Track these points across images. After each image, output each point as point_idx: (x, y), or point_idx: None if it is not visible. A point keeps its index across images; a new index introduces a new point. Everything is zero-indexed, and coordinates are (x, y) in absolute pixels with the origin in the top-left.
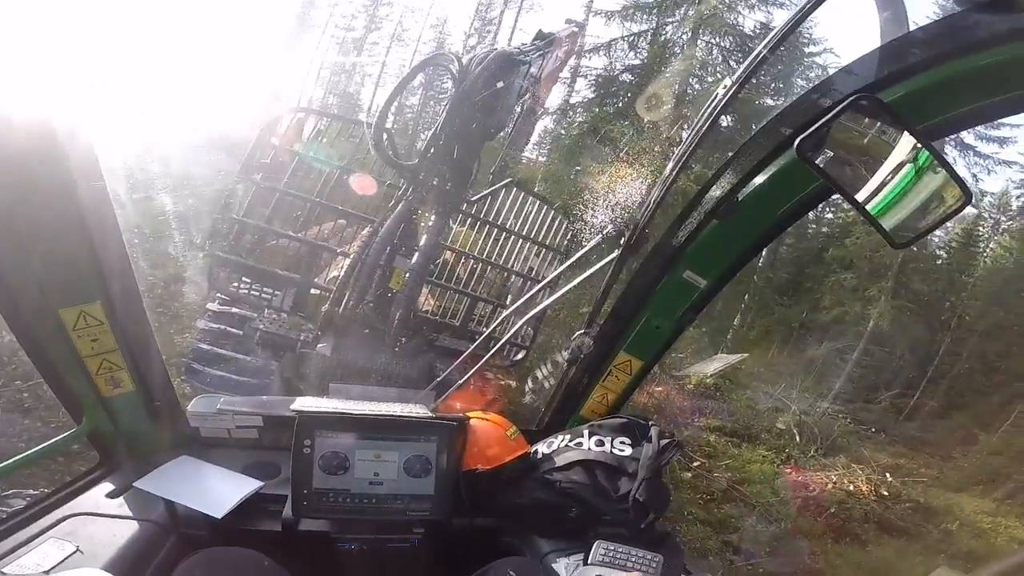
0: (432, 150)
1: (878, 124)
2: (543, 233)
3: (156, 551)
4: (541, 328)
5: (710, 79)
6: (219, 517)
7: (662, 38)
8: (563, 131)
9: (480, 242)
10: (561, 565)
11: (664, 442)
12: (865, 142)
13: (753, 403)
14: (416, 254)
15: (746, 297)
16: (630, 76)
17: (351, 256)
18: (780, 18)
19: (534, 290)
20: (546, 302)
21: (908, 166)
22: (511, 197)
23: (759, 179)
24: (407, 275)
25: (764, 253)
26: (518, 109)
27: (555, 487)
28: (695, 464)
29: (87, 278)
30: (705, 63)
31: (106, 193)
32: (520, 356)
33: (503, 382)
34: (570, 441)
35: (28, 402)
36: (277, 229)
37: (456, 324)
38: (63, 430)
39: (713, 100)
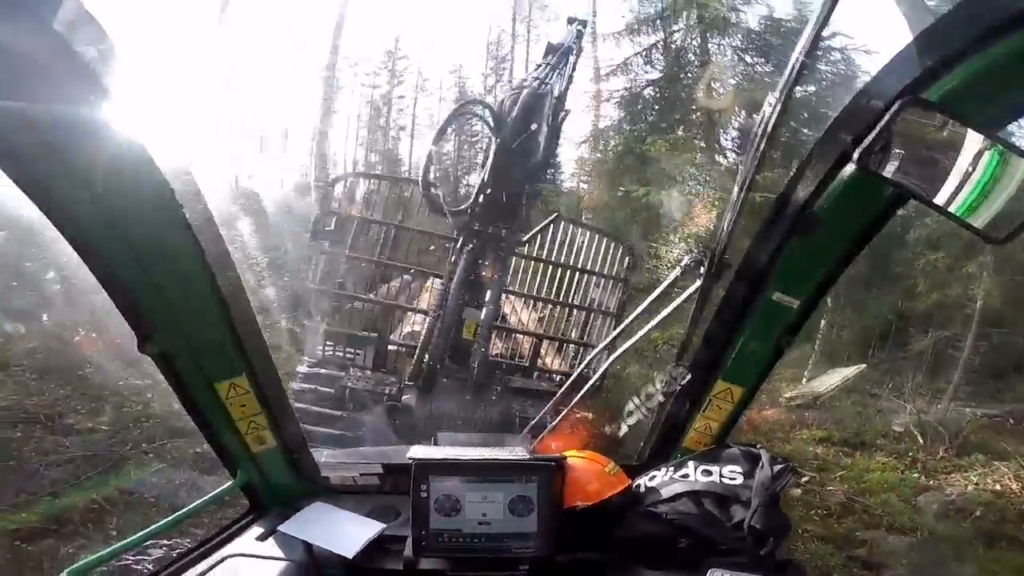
0: (480, 199)
1: (936, 123)
2: (600, 263)
3: None
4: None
5: (732, 80)
6: (350, 557)
7: (673, 47)
8: (599, 155)
9: (538, 281)
10: None
11: (778, 467)
12: (929, 143)
13: (862, 407)
14: (486, 306)
15: (828, 299)
16: (652, 91)
17: (429, 315)
18: (781, 9)
19: (619, 329)
20: (631, 340)
21: (985, 158)
22: (560, 231)
23: (831, 189)
24: (478, 326)
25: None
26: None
27: (661, 519)
28: (804, 480)
29: (233, 357)
30: (722, 65)
31: (240, 282)
32: (601, 393)
33: (592, 416)
34: (674, 473)
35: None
36: (351, 293)
37: (525, 365)
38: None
39: (762, 117)
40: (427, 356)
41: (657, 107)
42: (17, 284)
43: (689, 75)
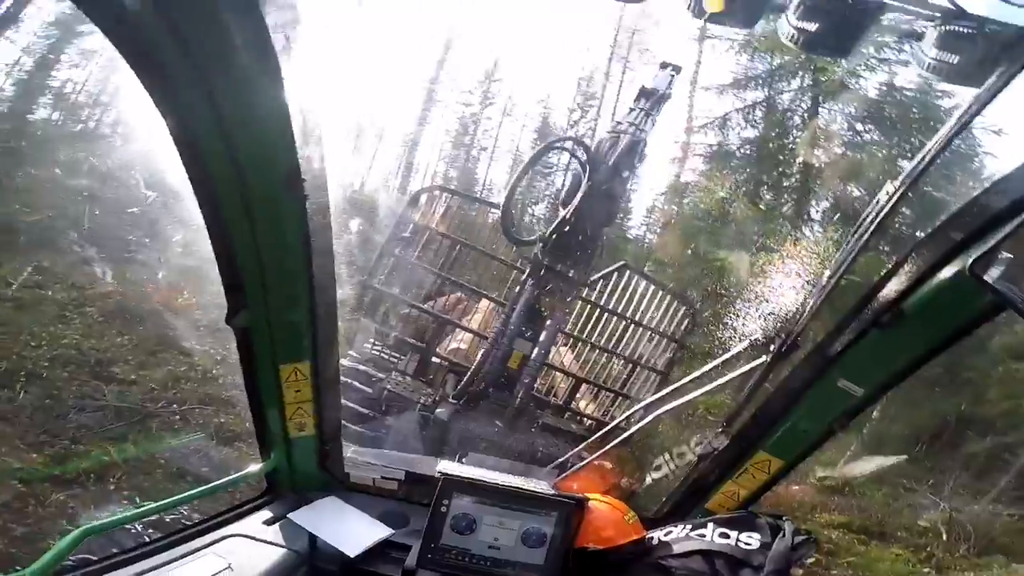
0: (556, 236)
1: None
2: (657, 319)
3: None
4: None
5: (837, 149)
6: (352, 556)
7: (779, 107)
8: (675, 207)
9: (590, 324)
10: None
11: (800, 539)
12: None
13: (893, 499)
14: (539, 345)
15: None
16: (747, 150)
17: (484, 338)
18: (907, 77)
19: (668, 389)
20: (677, 401)
21: None
22: (624, 280)
23: (926, 288)
24: (524, 357)
25: None
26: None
27: (669, 573)
28: (809, 560)
29: (305, 342)
30: (829, 132)
31: (333, 274)
32: (631, 446)
33: (617, 464)
34: (691, 532)
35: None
36: (409, 300)
37: (560, 404)
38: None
39: (876, 205)
40: (478, 378)
41: (749, 168)
42: (147, 240)
43: (790, 138)
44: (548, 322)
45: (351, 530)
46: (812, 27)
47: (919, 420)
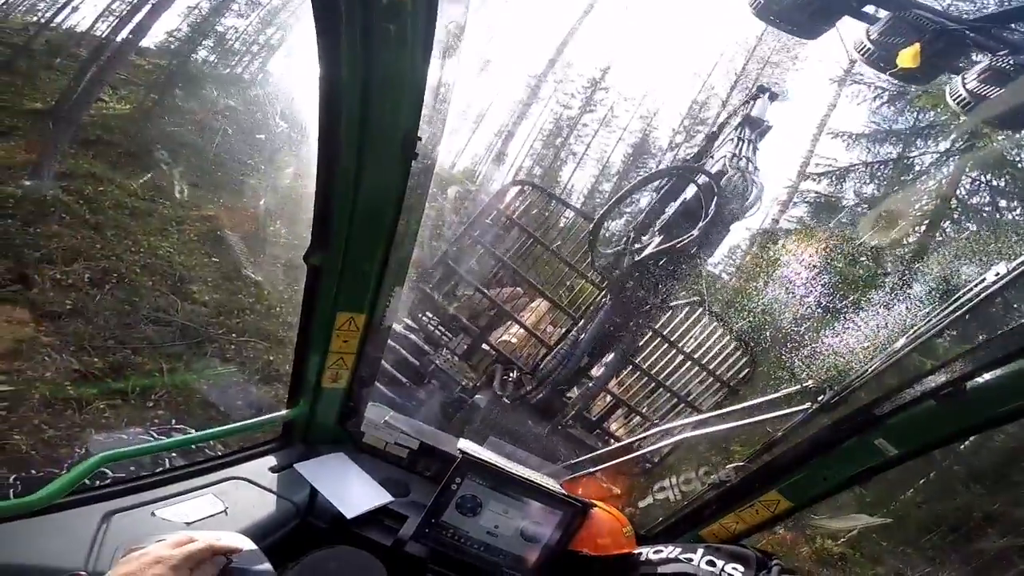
0: (647, 263)
1: None
2: (716, 361)
3: (280, 528)
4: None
5: (970, 225)
6: (349, 517)
7: (914, 170)
8: (758, 250)
9: (644, 351)
10: None
11: None
12: None
13: None
14: (604, 371)
15: (932, 474)
16: (865, 208)
17: (555, 357)
18: None
19: (695, 419)
20: (705, 429)
21: None
22: (694, 315)
23: (996, 373)
24: (591, 385)
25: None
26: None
27: None
28: None
29: (368, 294)
30: (967, 205)
31: (415, 235)
32: (646, 467)
33: (629, 480)
34: (680, 554)
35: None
36: (476, 283)
37: (592, 419)
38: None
39: (979, 284)
40: (536, 386)
41: (860, 227)
42: (262, 167)
43: (918, 205)
44: (613, 353)
45: (353, 491)
46: (990, 93)
47: (946, 510)
